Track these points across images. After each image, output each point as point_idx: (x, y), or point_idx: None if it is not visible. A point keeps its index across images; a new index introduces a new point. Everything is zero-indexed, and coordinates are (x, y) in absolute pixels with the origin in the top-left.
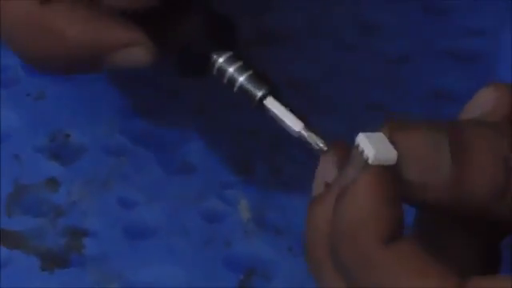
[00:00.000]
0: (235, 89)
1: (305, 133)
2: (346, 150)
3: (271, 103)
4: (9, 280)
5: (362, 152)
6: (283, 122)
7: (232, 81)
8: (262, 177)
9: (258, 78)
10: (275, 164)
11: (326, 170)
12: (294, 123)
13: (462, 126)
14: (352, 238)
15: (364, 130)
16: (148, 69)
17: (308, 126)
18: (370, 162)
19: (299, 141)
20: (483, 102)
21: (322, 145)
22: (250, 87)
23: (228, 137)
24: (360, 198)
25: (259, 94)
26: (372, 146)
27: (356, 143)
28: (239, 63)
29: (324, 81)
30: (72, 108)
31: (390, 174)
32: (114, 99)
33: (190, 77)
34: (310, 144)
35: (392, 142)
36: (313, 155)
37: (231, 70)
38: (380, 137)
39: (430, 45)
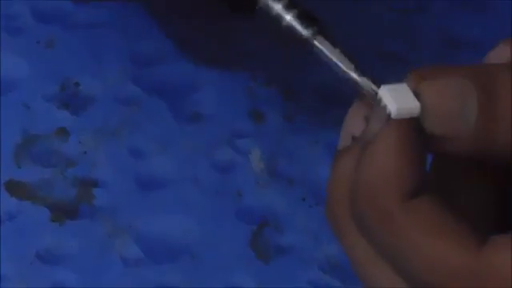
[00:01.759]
0: (282, 26)
1: (356, 76)
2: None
3: (321, 42)
4: (18, 231)
5: (385, 106)
6: (333, 62)
7: (279, 18)
8: (274, 125)
9: (307, 15)
10: (287, 112)
11: (353, 123)
12: (344, 64)
13: (490, 71)
14: (373, 195)
15: (377, 79)
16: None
17: (358, 68)
18: (392, 116)
19: (348, 84)
20: (503, 56)
21: (375, 89)
22: (298, 25)
23: (240, 85)
24: (382, 154)
25: (308, 32)
26: (394, 100)
27: (378, 96)
28: (286, 0)
29: (338, 30)
30: (82, 56)
31: (412, 127)
32: (124, 47)
33: (238, 13)
34: (362, 88)
35: (416, 92)
36: (326, 103)
37: (279, 6)
38: (403, 88)
39: None
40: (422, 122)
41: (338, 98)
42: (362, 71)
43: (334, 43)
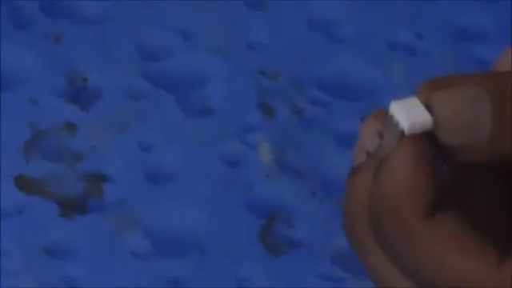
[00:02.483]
0: None
1: None
2: (386, 117)
3: None
4: (27, 226)
5: (397, 122)
6: None
7: None
8: (283, 119)
9: None
10: (296, 105)
11: (367, 139)
12: None
13: (502, 79)
14: (392, 212)
15: (386, 69)
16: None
17: None
18: (405, 132)
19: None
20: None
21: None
22: None
23: (249, 78)
24: (398, 170)
25: None
26: (406, 116)
27: (390, 113)
28: None
29: (347, 21)
30: (90, 51)
31: (426, 141)
32: (132, 41)
33: None
34: None
35: (428, 105)
36: (335, 96)
37: None
38: (414, 102)
39: None
40: (435, 134)
41: (347, 90)
42: None
43: None
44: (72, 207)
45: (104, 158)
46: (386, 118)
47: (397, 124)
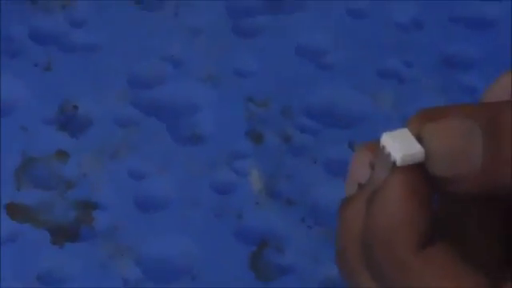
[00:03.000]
0: None
1: None
2: (377, 149)
3: None
4: (19, 254)
5: (389, 154)
6: None
7: None
8: (272, 146)
9: None
10: (286, 133)
11: (358, 170)
12: None
13: (493, 110)
14: (385, 243)
15: (375, 97)
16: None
17: None
18: (397, 164)
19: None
20: (503, 90)
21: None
22: None
23: (238, 106)
24: (390, 203)
25: None
26: (398, 147)
27: (381, 144)
28: None
29: (335, 47)
30: (80, 78)
31: (418, 172)
32: (122, 69)
33: None
34: None
35: (420, 136)
36: (324, 123)
37: None
38: (405, 134)
39: (443, 11)
40: (427, 166)
41: (336, 117)
42: None
43: None
44: (63, 235)
45: (95, 186)
46: (378, 150)
47: (388, 155)
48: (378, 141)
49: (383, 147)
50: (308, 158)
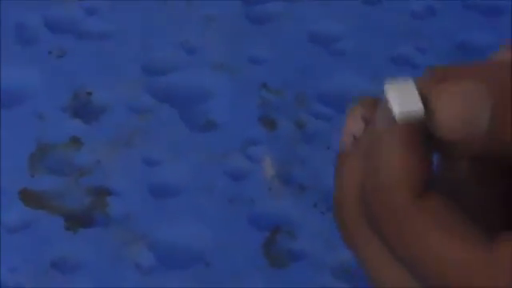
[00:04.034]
0: None
1: None
2: (373, 104)
3: None
4: (33, 240)
5: (390, 108)
6: None
7: None
8: (285, 133)
9: None
10: (299, 119)
11: (354, 125)
12: None
13: (503, 73)
14: (382, 192)
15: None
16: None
17: None
18: (396, 117)
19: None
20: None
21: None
22: None
23: (251, 93)
24: (389, 151)
25: None
26: (399, 102)
27: (384, 96)
28: None
29: (349, 35)
30: (94, 66)
31: (417, 128)
32: (136, 57)
33: None
34: None
35: (426, 95)
36: (337, 110)
37: None
38: (409, 88)
39: None
40: (430, 126)
41: (350, 104)
42: None
43: None
44: (77, 221)
45: (109, 173)
46: (380, 101)
47: (389, 109)
48: (373, 98)
49: (385, 98)
50: (321, 144)
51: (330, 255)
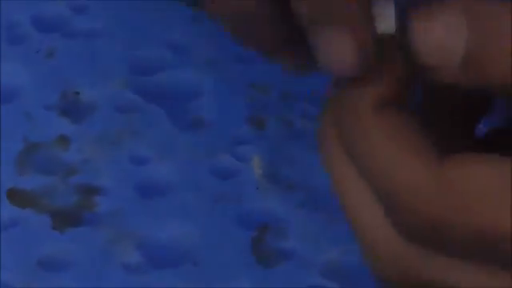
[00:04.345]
0: None
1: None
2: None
3: None
4: (20, 239)
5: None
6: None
7: None
8: (273, 132)
9: None
10: (287, 118)
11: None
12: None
13: (483, 7)
14: (351, 104)
15: None
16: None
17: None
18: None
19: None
20: None
21: None
22: None
23: (239, 92)
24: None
25: None
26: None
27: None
28: None
29: None
30: (82, 65)
31: (394, 44)
32: (124, 56)
33: None
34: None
35: (409, 24)
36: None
37: None
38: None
39: None
40: (412, 52)
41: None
42: None
43: None
44: (65, 220)
45: (96, 171)
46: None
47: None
48: None
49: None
50: (309, 143)
51: (318, 254)
